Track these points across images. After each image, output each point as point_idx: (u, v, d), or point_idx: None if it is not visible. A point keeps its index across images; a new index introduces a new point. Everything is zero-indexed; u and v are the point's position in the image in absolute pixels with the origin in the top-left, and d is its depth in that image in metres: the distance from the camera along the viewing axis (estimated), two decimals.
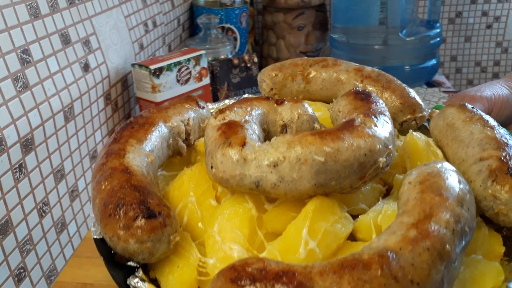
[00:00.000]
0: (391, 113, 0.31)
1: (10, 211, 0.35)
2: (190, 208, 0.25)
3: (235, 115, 0.25)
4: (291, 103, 0.27)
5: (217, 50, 0.68)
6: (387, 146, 0.23)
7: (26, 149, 0.37)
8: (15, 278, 0.36)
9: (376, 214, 0.24)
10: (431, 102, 0.82)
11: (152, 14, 0.66)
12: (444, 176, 0.21)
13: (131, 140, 0.26)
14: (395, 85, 0.31)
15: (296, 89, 0.34)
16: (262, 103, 0.26)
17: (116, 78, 0.53)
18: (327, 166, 0.21)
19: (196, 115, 0.29)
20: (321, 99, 0.34)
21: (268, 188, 0.22)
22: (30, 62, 0.38)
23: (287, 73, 0.34)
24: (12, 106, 0.36)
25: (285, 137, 0.23)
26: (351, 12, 0.87)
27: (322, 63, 0.33)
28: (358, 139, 0.22)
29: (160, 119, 0.27)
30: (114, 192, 0.22)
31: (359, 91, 0.27)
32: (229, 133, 0.23)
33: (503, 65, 1.13)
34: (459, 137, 0.27)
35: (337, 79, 0.32)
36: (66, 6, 0.44)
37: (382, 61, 0.85)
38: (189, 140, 0.29)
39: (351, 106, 0.25)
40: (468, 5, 1.07)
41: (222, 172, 0.23)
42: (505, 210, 0.23)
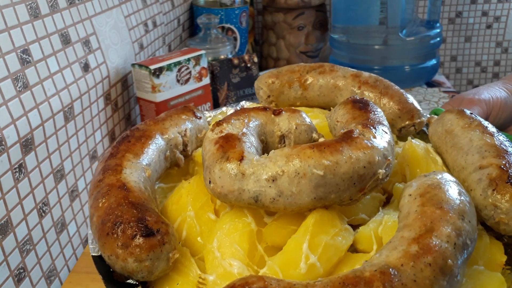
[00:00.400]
0: (389, 119, 0.30)
1: (10, 211, 0.35)
2: (189, 222, 0.25)
3: (233, 128, 0.25)
4: (289, 114, 0.26)
5: (217, 50, 0.68)
6: (386, 157, 0.22)
7: (26, 149, 0.37)
8: (15, 278, 0.36)
9: (377, 225, 0.23)
10: (431, 102, 0.82)
11: (152, 14, 0.66)
12: (444, 188, 0.21)
13: (128, 154, 0.25)
14: (393, 90, 0.31)
15: (294, 96, 0.33)
16: (259, 114, 0.26)
17: (116, 78, 0.53)
18: (326, 180, 0.21)
19: (193, 126, 0.29)
20: (319, 105, 0.33)
21: (267, 203, 0.22)
22: (30, 62, 0.38)
23: (284, 80, 0.33)
24: (12, 106, 0.36)
25: (283, 151, 0.22)
26: (351, 12, 0.86)
27: (319, 69, 0.33)
28: (357, 152, 0.22)
29: (157, 132, 0.27)
30: (111, 210, 0.22)
31: (357, 99, 0.26)
32: (227, 147, 0.23)
33: (503, 65, 1.13)
34: (458, 144, 0.26)
35: (334, 85, 0.32)
36: (66, 6, 0.44)
37: (382, 61, 0.85)
38: (186, 151, 0.29)
39: (349, 116, 0.25)
40: (468, 5, 1.07)
41: (221, 187, 0.23)
42: (505, 219, 0.23)
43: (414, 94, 0.87)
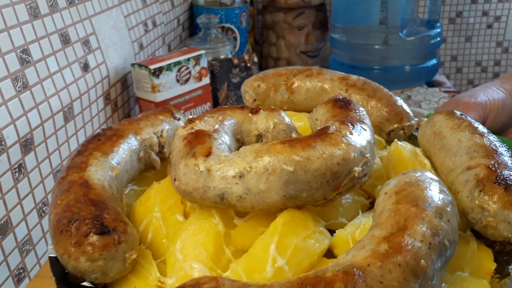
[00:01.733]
0: (378, 122, 0.29)
1: (9, 211, 0.35)
2: (155, 224, 0.24)
3: (205, 125, 0.23)
4: (267, 112, 0.25)
5: (217, 50, 0.68)
6: (363, 155, 0.21)
7: (25, 149, 0.37)
8: (14, 278, 0.36)
9: (355, 228, 0.22)
10: (432, 102, 0.82)
11: (151, 13, 0.66)
12: (422, 186, 0.19)
13: (96, 152, 0.24)
14: (381, 93, 0.30)
15: (280, 99, 0.33)
16: (236, 112, 0.25)
17: (115, 78, 0.53)
18: (297, 176, 0.20)
19: (171, 127, 0.27)
20: (306, 109, 0.32)
21: (233, 201, 0.20)
22: (29, 62, 0.38)
23: (270, 83, 0.33)
24: (12, 106, 0.36)
25: (253, 146, 0.21)
26: (351, 11, 0.86)
27: (306, 72, 0.32)
28: (330, 147, 0.20)
29: (131, 131, 0.26)
30: (69, 207, 0.21)
31: (338, 98, 0.25)
32: (195, 142, 0.22)
33: (504, 65, 1.13)
34: (446, 146, 0.25)
35: (321, 89, 0.31)
36: (66, 6, 0.44)
37: (382, 61, 0.85)
38: (163, 153, 0.27)
39: (329, 114, 0.24)
40: (469, 5, 1.07)
41: (185, 184, 0.21)
42: (493, 222, 0.21)
43: (414, 94, 0.87)
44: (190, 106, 0.56)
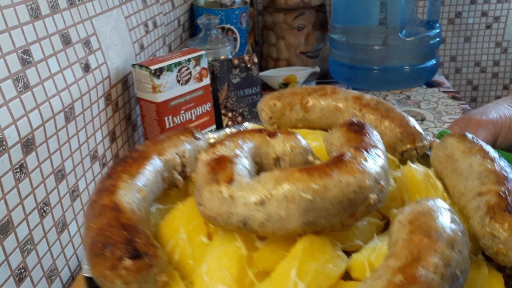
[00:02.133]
0: (391, 142, 0.30)
1: (11, 211, 0.35)
2: (181, 245, 0.25)
3: (226, 149, 0.24)
4: (284, 135, 0.26)
5: (217, 51, 0.68)
6: (378, 182, 0.22)
7: (26, 149, 0.37)
8: (15, 278, 0.36)
9: (370, 252, 0.23)
10: (431, 102, 0.82)
11: (152, 14, 0.66)
12: (434, 215, 0.20)
13: (124, 175, 0.25)
14: (394, 113, 0.31)
15: (295, 117, 0.33)
16: (254, 136, 0.26)
17: (116, 78, 0.53)
18: (315, 204, 0.21)
19: (192, 147, 0.29)
20: (321, 127, 0.33)
21: (255, 227, 0.21)
22: (30, 63, 0.38)
23: (285, 102, 0.33)
24: (13, 106, 0.36)
25: (272, 173, 0.22)
26: (351, 12, 0.87)
27: (321, 91, 0.33)
28: (347, 176, 0.21)
29: (155, 153, 0.27)
30: (102, 231, 0.22)
31: (353, 122, 0.26)
32: (217, 168, 0.23)
33: (503, 65, 1.13)
34: (458, 169, 0.25)
35: (335, 108, 0.32)
36: (67, 7, 0.45)
37: (381, 61, 0.86)
38: (185, 172, 0.29)
39: (344, 139, 0.25)
40: (468, 5, 1.07)
41: (209, 210, 0.22)
42: (504, 249, 0.21)
43: (414, 94, 0.88)
44: (191, 107, 0.56)
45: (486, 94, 1.15)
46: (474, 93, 1.15)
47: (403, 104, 0.81)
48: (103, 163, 0.51)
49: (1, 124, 0.34)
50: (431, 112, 0.77)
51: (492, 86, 1.14)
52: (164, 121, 0.53)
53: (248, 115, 0.67)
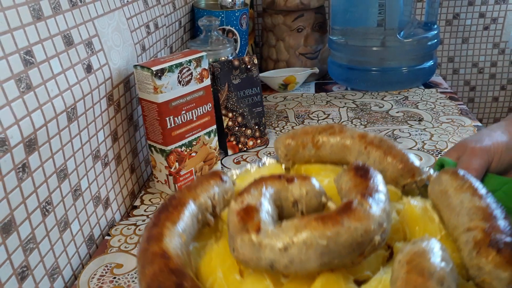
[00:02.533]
0: (393, 177, 0.34)
1: (13, 210, 0.36)
2: (219, 283, 0.28)
3: (251, 198, 0.29)
4: (300, 181, 0.30)
5: (217, 52, 0.69)
6: (381, 225, 0.26)
7: (29, 149, 0.37)
8: (18, 277, 0.36)
9: (377, 283, 0.26)
10: (429, 103, 0.83)
11: (153, 16, 0.67)
12: (428, 256, 0.23)
13: (167, 223, 0.29)
14: (396, 151, 0.34)
15: (308, 154, 0.37)
16: (274, 183, 0.30)
17: (118, 79, 0.54)
18: (329, 248, 0.25)
19: (220, 189, 0.33)
20: (331, 161, 0.37)
21: (281, 268, 0.25)
22: (33, 63, 0.39)
23: (299, 141, 0.37)
24: (16, 106, 0.36)
25: (293, 222, 0.26)
26: (349, 14, 0.87)
27: (330, 130, 0.37)
28: (355, 222, 0.25)
29: (190, 198, 0.31)
30: (155, 276, 0.26)
31: (359, 166, 0.30)
32: (246, 218, 0.27)
33: (500, 66, 1.14)
34: (451, 205, 0.29)
35: (343, 145, 0.36)
36: (69, 8, 0.45)
37: (380, 63, 0.86)
38: (215, 212, 0.32)
39: (352, 183, 0.29)
40: (466, 7, 1.08)
41: (242, 255, 0.26)
42: (488, 279, 0.25)
43: (412, 95, 0.88)
44: (192, 107, 0.56)
45: (483, 95, 1.16)
46: (472, 94, 1.16)
47: (401, 104, 0.81)
48: (105, 163, 0.51)
49: (4, 124, 0.35)
50: (429, 112, 0.78)
51: (490, 87, 1.14)
52: (166, 121, 0.53)
53: (248, 115, 0.67)
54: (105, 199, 0.51)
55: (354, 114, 0.78)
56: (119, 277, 0.43)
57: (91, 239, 0.48)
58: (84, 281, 0.43)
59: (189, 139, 0.56)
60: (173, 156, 0.55)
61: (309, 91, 0.90)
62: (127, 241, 0.49)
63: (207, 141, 0.59)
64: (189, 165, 0.57)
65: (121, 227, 0.51)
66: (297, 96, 0.88)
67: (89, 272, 0.44)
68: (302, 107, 0.82)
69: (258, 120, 0.68)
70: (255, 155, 0.66)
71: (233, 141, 0.66)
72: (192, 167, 0.58)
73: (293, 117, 0.78)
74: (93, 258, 0.46)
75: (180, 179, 0.57)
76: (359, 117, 0.76)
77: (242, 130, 0.67)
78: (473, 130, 0.70)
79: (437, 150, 0.64)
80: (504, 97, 1.15)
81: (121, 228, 0.51)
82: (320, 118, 0.77)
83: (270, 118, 0.78)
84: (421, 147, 0.65)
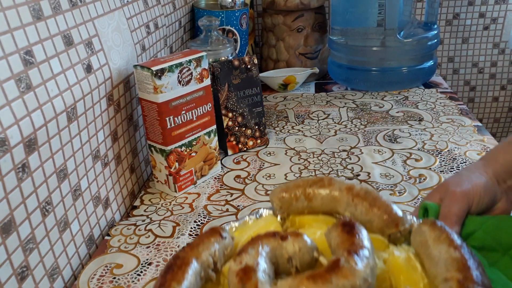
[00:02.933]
0: (379, 227, 0.36)
1: (13, 210, 0.36)
2: None
3: (249, 258, 0.31)
4: (293, 238, 0.33)
5: (217, 52, 0.69)
6: (366, 280, 0.28)
7: (29, 149, 0.37)
8: (18, 277, 0.36)
9: None
10: (429, 103, 0.83)
11: (153, 16, 0.67)
12: None
13: (173, 283, 0.31)
14: (380, 202, 0.37)
15: (301, 206, 0.39)
16: (270, 240, 0.33)
17: (118, 79, 0.54)
18: None
19: (220, 246, 0.35)
20: (323, 211, 0.40)
21: None
22: (33, 63, 0.39)
23: (292, 193, 0.40)
24: (15, 106, 0.36)
25: (287, 281, 0.28)
26: (349, 14, 0.87)
27: (319, 183, 0.40)
28: (343, 280, 0.28)
29: (193, 257, 0.33)
30: None
31: (345, 222, 0.33)
32: (245, 279, 0.29)
33: (500, 66, 1.14)
34: (431, 255, 0.31)
35: (333, 197, 0.39)
36: (69, 8, 0.45)
37: (380, 63, 0.86)
38: (216, 268, 0.34)
39: (339, 239, 0.31)
40: (466, 7, 1.08)
41: None
42: None
43: (412, 95, 0.88)
44: (192, 107, 0.56)
45: (483, 95, 1.16)
46: (472, 94, 1.16)
47: (401, 104, 0.81)
48: (104, 163, 0.51)
49: (4, 124, 0.35)
50: (429, 112, 0.78)
51: (490, 86, 1.15)
52: (166, 121, 0.53)
53: (248, 115, 0.67)
54: (105, 199, 0.51)
55: (354, 114, 0.78)
56: (119, 277, 0.43)
57: (91, 239, 0.48)
58: (84, 281, 0.43)
59: (189, 139, 0.56)
60: (173, 156, 0.55)
61: (309, 91, 0.90)
62: (127, 241, 0.49)
63: (207, 141, 0.59)
64: (189, 165, 0.57)
65: (121, 227, 0.51)
66: (297, 96, 0.88)
67: (89, 272, 0.44)
68: (302, 107, 0.82)
69: (258, 120, 0.68)
70: (255, 155, 0.66)
71: (233, 141, 0.66)
72: (192, 167, 0.58)
73: (293, 117, 0.78)
74: (93, 258, 0.46)
75: (180, 179, 0.57)
76: (359, 117, 0.76)
77: (242, 130, 0.67)
78: (473, 130, 0.70)
79: (437, 150, 0.64)
80: (504, 97, 1.15)
81: (121, 228, 0.51)
82: (320, 118, 0.77)
83: (270, 118, 0.78)
84: (421, 147, 0.65)
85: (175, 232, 0.49)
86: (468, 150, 0.64)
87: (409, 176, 0.57)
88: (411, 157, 0.62)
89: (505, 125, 1.18)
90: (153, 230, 0.50)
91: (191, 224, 0.51)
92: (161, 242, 0.48)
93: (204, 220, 0.52)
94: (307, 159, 0.64)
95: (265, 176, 0.60)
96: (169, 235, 0.49)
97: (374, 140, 0.68)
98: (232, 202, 0.55)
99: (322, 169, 0.61)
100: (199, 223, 0.51)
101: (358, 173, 0.59)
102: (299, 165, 0.62)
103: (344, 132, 0.71)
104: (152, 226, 0.51)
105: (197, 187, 0.59)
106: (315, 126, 0.74)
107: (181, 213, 0.53)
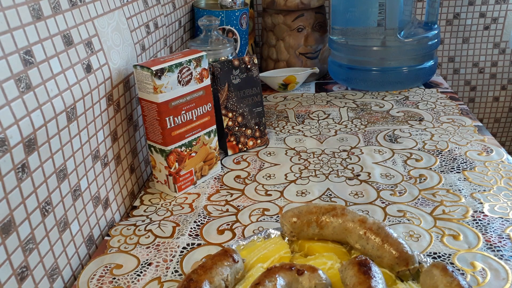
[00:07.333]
0: (389, 264, 0.37)
1: (13, 210, 0.36)
2: None
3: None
4: (309, 273, 0.34)
5: (217, 52, 0.69)
6: None
7: (29, 149, 0.37)
8: (17, 277, 0.36)
9: None
10: (429, 103, 0.83)
11: (153, 16, 0.67)
12: None
13: None
14: (392, 239, 0.37)
15: (312, 232, 0.40)
16: (286, 274, 0.34)
17: (118, 79, 0.54)
18: None
19: (232, 270, 0.36)
20: (334, 240, 0.41)
21: None
22: (32, 63, 0.39)
23: (304, 220, 0.40)
24: (15, 106, 0.36)
25: None
26: (349, 14, 0.87)
27: (332, 212, 0.40)
28: None
29: (206, 279, 0.34)
30: None
31: (362, 262, 0.33)
32: None
33: (501, 65, 1.14)
34: None
35: (345, 228, 0.39)
36: (69, 8, 0.45)
37: (380, 63, 0.86)
38: None
39: (356, 280, 0.32)
40: (466, 7, 1.08)
41: None
42: None
43: (412, 95, 0.88)
44: (192, 107, 0.56)
45: (484, 95, 1.16)
46: (472, 94, 1.16)
47: (402, 104, 0.81)
48: (104, 163, 0.51)
49: (4, 124, 0.35)
50: (429, 112, 0.78)
51: (490, 86, 1.14)
52: (165, 121, 0.53)
53: (248, 115, 0.67)
54: (105, 199, 0.51)
55: (355, 114, 0.78)
56: (118, 277, 0.43)
57: (91, 239, 0.48)
58: (84, 281, 0.43)
59: (189, 139, 0.56)
60: (173, 156, 0.55)
61: (309, 91, 0.90)
62: (126, 241, 0.49)
63: (207, 141, 0.59)
64: (189, 165, 0.57)
65: (121, 227, 0.51)
66: (297, 96, 0.88)
67: (88, 272, 0.44)
68: (302, 107, 0.82)
69: (258, 120, 0.68)
70: (255, 155, 0.66)
71: (233, 141, 0.66)
72: (192, 167, 0.58)
73: (293, 117, 0.78)
74: (93, 259, 0.46)
75: (180, 179, 0.57)
76: (360, 117, 0.76)
77: (242, 130, 0.66)
78: (474, 130, 0.70)
79: (438, 150, 0.64)
80: (505, 97, 1.15)
81: (120, 229, 0.51)
82: (320, 118, 0.77)
83: (270, 118, 0.78)
84: (422, 147, 0.65)
85: (175, 233, 0.49)
86: (468, 150, 0.63)
87: (409, 176, 0.57)
88: (411, 157, 0.62)
89: (505, 125, 1.18)
90: (153, 230, 0.50)
91: (191, 224, 0.51)
92: (161, 243, 0.48)
93: (204, 220, 0.51)
94: (307, 159, 0.64)
95: (265, 176, 0.60)
96: (169, 236, 0.49)
97: (375, 140, 0.68)
98: (232, 202, 0.55)
99: (322, 169, 0.61)
100: (199, 223, 0.51)
101: (359, 173, 0.59)
102: (299, 165, 0.62)
103: (345, 132, 0.71)
104: (152, 227, 0.51)
105: (197, 187, 0.59)
106: (315, 126, 0.74)
107: (181, 213, 0.53)
